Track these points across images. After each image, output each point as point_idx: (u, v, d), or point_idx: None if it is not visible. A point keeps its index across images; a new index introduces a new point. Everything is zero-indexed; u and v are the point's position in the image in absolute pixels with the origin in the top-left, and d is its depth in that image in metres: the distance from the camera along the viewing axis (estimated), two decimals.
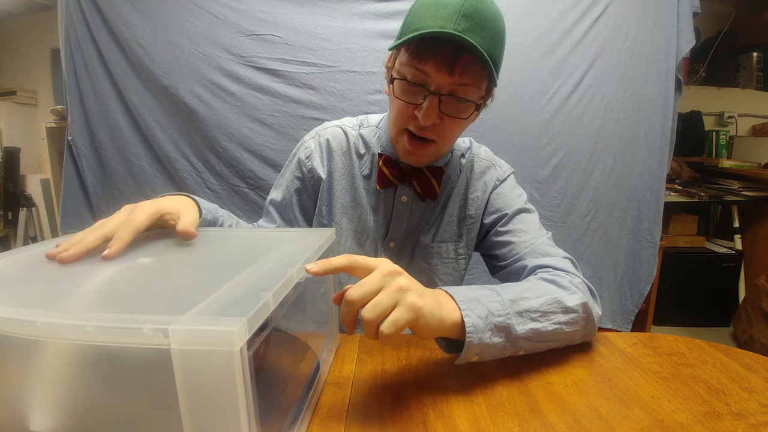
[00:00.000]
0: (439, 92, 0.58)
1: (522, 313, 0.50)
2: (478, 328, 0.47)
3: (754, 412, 0.43)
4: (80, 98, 1.46)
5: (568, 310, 0.53)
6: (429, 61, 0.57)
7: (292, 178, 0.76)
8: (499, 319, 0.49)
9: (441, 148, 0.66)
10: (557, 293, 0.54)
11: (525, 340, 0.50)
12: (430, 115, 0.59)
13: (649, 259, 1.61)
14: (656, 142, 1.55)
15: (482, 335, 0.47)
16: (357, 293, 0.40)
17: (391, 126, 0.67)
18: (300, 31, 1.41)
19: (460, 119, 0.62)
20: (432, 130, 0.62)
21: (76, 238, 0.43)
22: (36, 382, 0.30)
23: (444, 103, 0.59)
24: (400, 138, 0.65)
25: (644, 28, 1.48)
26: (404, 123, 0.63)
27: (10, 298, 0.33)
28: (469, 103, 0.61)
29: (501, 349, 0.49)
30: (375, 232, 0.75)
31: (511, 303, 0.50)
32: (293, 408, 0.39)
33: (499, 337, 0.49)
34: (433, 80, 0.58)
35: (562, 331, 0.53)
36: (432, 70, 0.57)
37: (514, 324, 0.49)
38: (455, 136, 0.67)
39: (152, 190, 1.49)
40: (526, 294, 0.52)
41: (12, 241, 2.30)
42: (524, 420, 0.42)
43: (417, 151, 0.65)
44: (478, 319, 0.47)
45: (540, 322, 0.51)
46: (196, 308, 0.28)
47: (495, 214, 0.73)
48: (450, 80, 0.58)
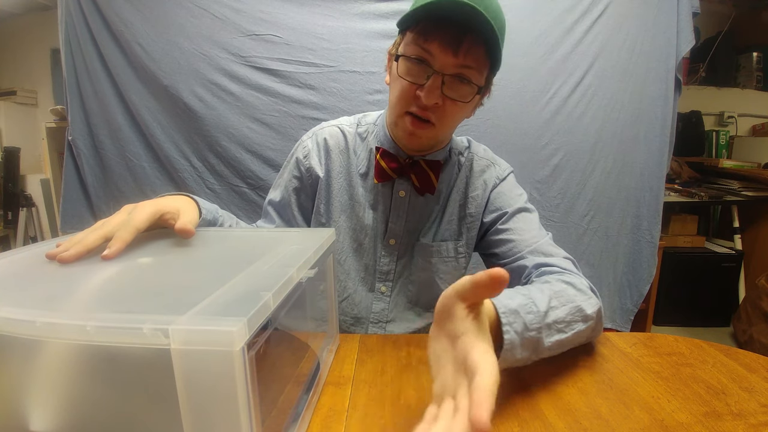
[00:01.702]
0: (443, 72, 0.59)
1: (551, 325, 0.48)
2: (514, 344, 0.44)
3: (754, 412, 0.43)
4: (80, 98, 1.46)
5: (587, 318, 0.52)
6: (435, 41, 0.58)
7: (290, 177, 0.76)
8: (532, 334, 0.46)
9: (440, 133, 0.66)
10: (577, 299, 0.53)
11: (547, 351, 0.48)
12: (433, 94, 0.60)
13: (648, 259, 1.61)
14: (656, 142, 1.55)
15: (514, 351, 0.44)
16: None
17: (392, 110, 0.67)
18: (300, 31, 1.41)
19: (462, 103, 0.62)
20: (433, 111, 0.62)
21: (77, 238, 0.43)
22: (36, 382, 0.30)
23: (446, 85, 0.60)
24: (401, 121, 0.65)
25: (644, 28, 1.48)
26: (406, 104, 0.63)
27: (10, 298, 0.33)
28: (472, 86, 0.61)
29: (524, 361, 0.47)
30: (374, 230, 0.75)
31: (545, 315, 0.48)
32: (293, 408, 0.39)
33: (527, 352, 0.46)
34: (438, 60, 0.59)
35: (579, 338, 0.52)
36: (437, 50, 0.58)
37: (543, 338, 0.47)
38: (454, 121, 0.67)
39: (152, 190, 1.49)
40: (554, 303, 0.50)
41: (12, 241, 2.30)
42: (524, 420, 0.42)
43: (417, 131, 0.64)
44: (515, 335, 0.44)
45: (564, 333, 0.49)
46: (196, 308, 0.28)
47: (495, 212, 0.73)
48: (454, 61, 0.59)
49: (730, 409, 0.44)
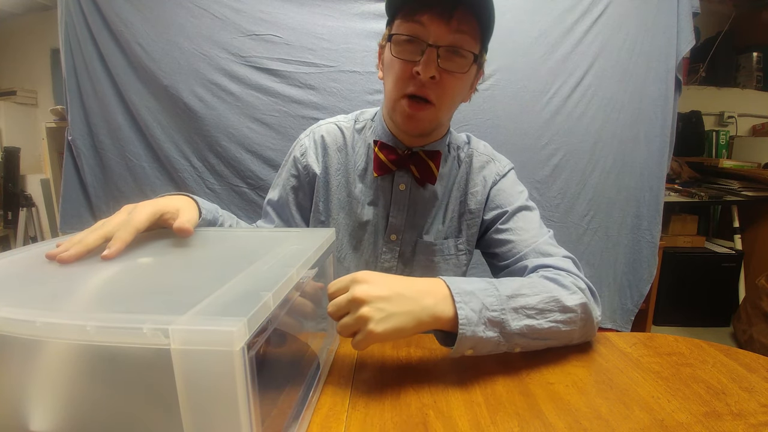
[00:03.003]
0: (437, 44, 0.59)
1: (518, 310, 0.51)
2: (471, 321, 0.48)
3: (754, 412, 0.43)
4: (80, 98, 1.46)
5: (566, 310, 0.53)
6: (425, 13, 0.58)
7: (288, 176, 0.76)
8: (494, 314, 0.49)
9: (439, 112, 0.65)
10: (556, 292, 0.54)
11: (520, 337, 0.51)
12: (430, 67, 0.59)
13: (648, 259, 1.61)
14: (656, 142, 1.55)
15: (475, 328, 0.48)
16: (330, 308, 0.48)
17: (389, 97, 0.67)
18: (300, 31, 1.41)
19: (459, 74, 0.62)
20: (431, 88, 0.62)
21: (77, 238, 0.43)
22: (36, 382, 0.30)
23: (442, 58, 0.60)
24: (399, 105, 0.65)
25: (644, 28, 1.48)
26: (404, 86, 0.63)
27: (10, 298, 0.33)
28: (467, 56, 0.61)
29: (495, 344, 0.50)
30: (374, 226, 0.74)
31: (508, 299, 0.51)
32: (293, 408, 0.39)
33: (493, 332, 0.49)
34: (431, 32, 0.59)
35: (558, 329, 0.53)
36: (429, 21, 0.59)
37: (508, 320, 0.50)
38: (453, 98, 0.66)
39: (152, 190, 1.49)
40: (524, 291, 0.53)
41: (12, 241, 2.30)
42: (524, 420, 0.42)
43: (416, 113, 0.64)
44: (471, 312, 0.48)
45: (536, 320, 0.51)
46: (196, 308, 0.28)
47: (495, 210, 0.73)
48: (447, 29, 0.59)
49: (730, 409, 0.44)
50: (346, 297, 0.46)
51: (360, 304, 0.45)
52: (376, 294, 0.46)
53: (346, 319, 0.46)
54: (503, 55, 1.38)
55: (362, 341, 0.46)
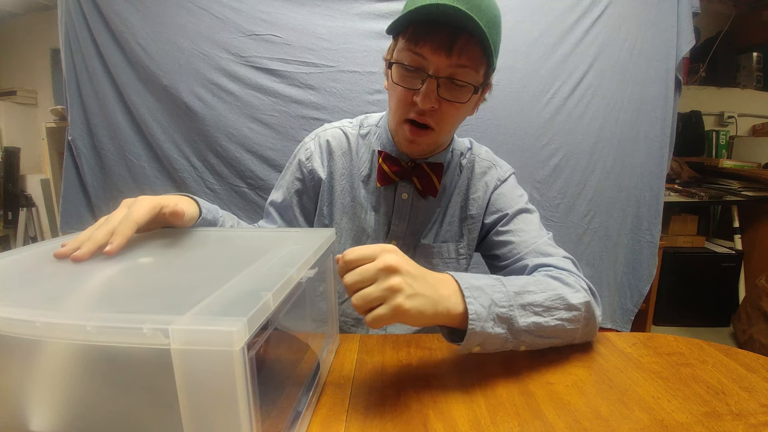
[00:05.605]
0: (437, 75, 0.59)
1: (525, 306, 0.51)
2: (480, 316, 0.47)
3: (754, 412, 0.43)
4: (80, 98, 1.46)
5: (571, 308, 0.53)
6: (426, 44, 0.58)
7: (293, 179, 0.76)
8: (502, 310, 0.49)
9: (439, 137, 0.66)
10: (561, 290, 0.54)
11: (527, 334, 0.50)
12: (429, 98, 0.59)
13: (648, 259, 1.61)
14: (656, 142, 1.55)
15: (485, 324, 0.47)
16: (351, 279, 0.42)
17: (392, 118, 0.68)
18: (300, 31, 1.41)
19: (459, 104, 0.62)
20: (431, 115, 0.62)
21: (85, 236, 0.43)
22: (36, 382, 0.30)
23: (442, 87, 0.59)
24: (400, 129, 0.65)
25: (644, 28, 1.48)
26: (405, 112, 0.63)
27: (11, 298, 0.33)
28: (468, 86, 0.61)
29: (503, 341, 0.49)
30: (376, 232, 0.75)
31: (516, 295, 0.51)
32: (293, 408, 0.39)
33: (501, 328, 0.49)
34: (431, 63, 0.58)
35: (564, 327, 0.53)
36: (429, 53, 0.58)
37: (516, 316, 0.49)
38: (454, 124, 0.67)
39: (152, 190, 1.49)
40: (530, 288, 0.53)
41: (12, 241, 2.30)
42: (524, 420, 0.42)
43: (417, 138, 0.64)
44: (481, 307, 0.47)
45: (542, 317, 0.51)
46: (196, 308, 0.28)
47: (496, 214, 0.73)
48: (448, 62, 0.58)
49: (730, 409, 0.44)
50: (375, 265, 0.42)
51: (393, 272, 0.42)
52: (408, 269, 0.44)
53: (371, 289, 0.42)
54: (503, 55, 1.37)
55: (384, 315, 0.41)
